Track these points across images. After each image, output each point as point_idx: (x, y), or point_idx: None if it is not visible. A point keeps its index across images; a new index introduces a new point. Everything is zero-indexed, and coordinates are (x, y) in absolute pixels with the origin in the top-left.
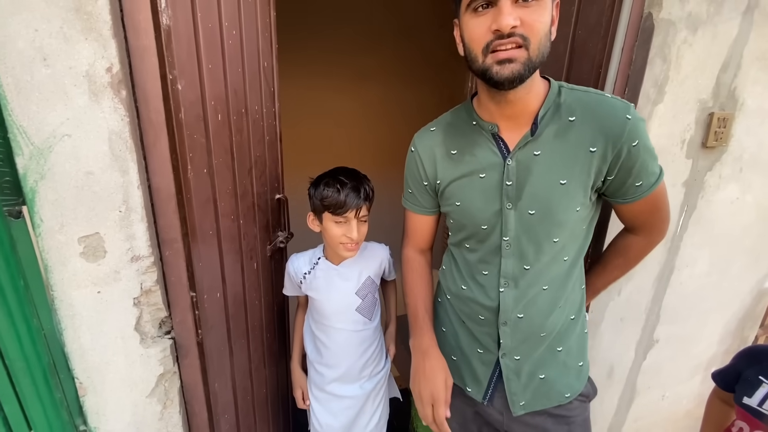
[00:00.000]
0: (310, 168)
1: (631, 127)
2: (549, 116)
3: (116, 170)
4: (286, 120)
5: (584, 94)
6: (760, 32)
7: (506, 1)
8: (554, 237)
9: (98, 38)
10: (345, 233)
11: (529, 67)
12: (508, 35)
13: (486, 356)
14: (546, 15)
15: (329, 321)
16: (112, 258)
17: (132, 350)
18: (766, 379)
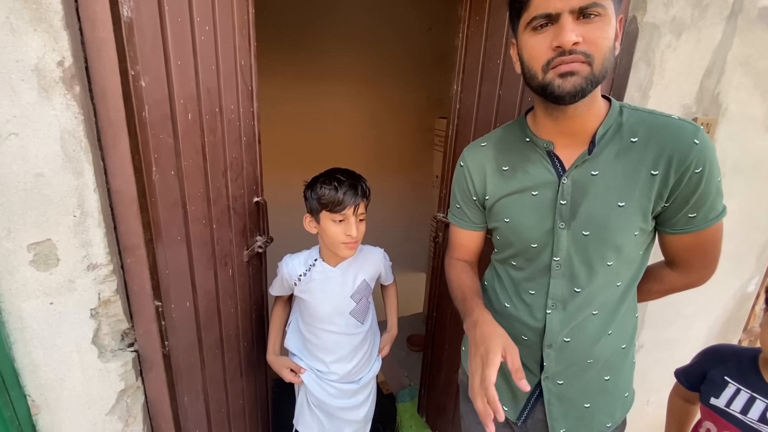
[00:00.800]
0: (295, 170)
1: (698, 152)
2: (609, 136)
3: (70, 172)
4: (268, 121)
5: (648, 115)
6: (744, 38)
7: (568, 17)
8: (608, 260)
9: (48, 29)
10: (345, 231)
11: (592, 81)
12: (570, 52)
13: (527, 377)
14: (609, 30)
15: (322, 324)
16: (65, 266)
17: (89, 365)
18: (731, 380)
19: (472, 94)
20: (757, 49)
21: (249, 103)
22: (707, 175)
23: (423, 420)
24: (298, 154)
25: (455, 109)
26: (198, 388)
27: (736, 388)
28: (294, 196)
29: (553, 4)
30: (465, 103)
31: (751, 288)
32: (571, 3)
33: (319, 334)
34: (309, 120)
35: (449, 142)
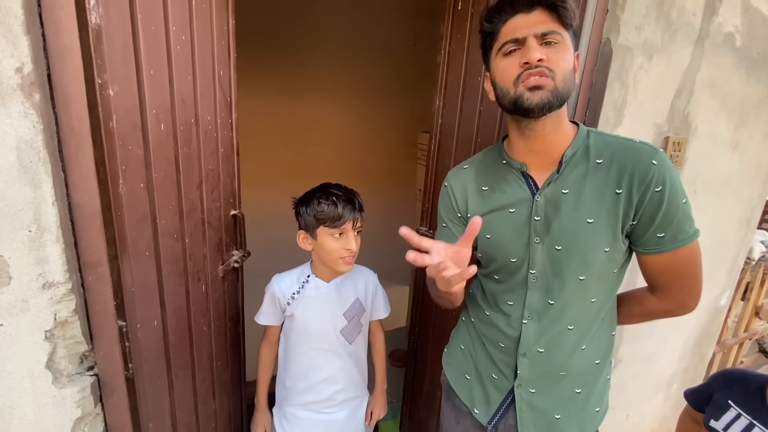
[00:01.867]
0: (277, 184)
1: (657, 171)
2: (578, 157)
3: (25, 184)
4: (249, 134)
5: (612, 138)
6: (711, 61)
7: (533, 39)
8: (580, 275)
9: (7, 34)
10: (344, 246)
11: (557, 95)
12: (536, 66)
13: (500, 382)
14: (568, 55)
15: (313, 342)
16: (18, 285)
17: (42, 391)
18: (734, 404)
19: (454, 110)
20: (723, 72)
21: (227, 114)
22: (668, 194)
23: None
24: (280, 167)
25: (437, 124)
26: (165, 413)
27: (737, 413)
28: (274, 209)
29: (520, 30)
30: (447, 119)
31: (723, 302)
32: (534, 29)
33: (309, 353)
34: (291, 133)
35: (432, 157)
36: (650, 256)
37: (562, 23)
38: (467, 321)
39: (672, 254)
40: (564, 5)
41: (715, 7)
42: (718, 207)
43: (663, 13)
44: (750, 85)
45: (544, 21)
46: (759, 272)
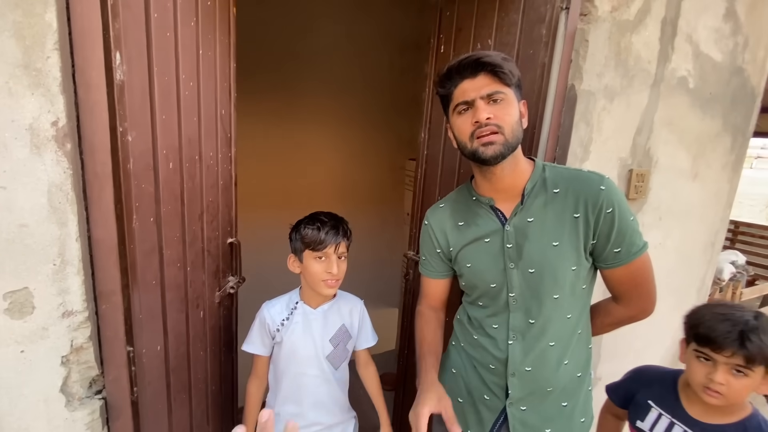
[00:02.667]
0: (269, 209)
1: (605, 195)
2: (537, 189)
3: (53, 222)
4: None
5: (564, 170)
6: (667, 102)
7: (480, 102)
8: (554, 294)
9: (46, 93)
10: (326, 269)
11: (507, 146)
12: (486, 125)
13: (493, 403)
14: (512, 109)
15: (300, 367)
16: (40, 314)
17: (56, 414)
18: (654, 404)
19: (438, 142)
20: (679, 111)
21: (227, 149)
22: (618, 214)
23: None
24: (271, 191)
25: (423, 155)
26: None
27: (658, 413)
28: (266, 233)
29: (468, 93)
30: (432, 150)
31: None
32: (480, 92)
33: (297, 378)
34: (283, 159)
35: (418, 184)
36: (611, 270)
37: (503, 83)
38: (457, 345)
39: (628, 266)
40: (503, 70)
41: (668, 54)
42: (683, 231)
43: (621, 62)
44: (705, 121)
45: (488, 83)
46: (728, 291)
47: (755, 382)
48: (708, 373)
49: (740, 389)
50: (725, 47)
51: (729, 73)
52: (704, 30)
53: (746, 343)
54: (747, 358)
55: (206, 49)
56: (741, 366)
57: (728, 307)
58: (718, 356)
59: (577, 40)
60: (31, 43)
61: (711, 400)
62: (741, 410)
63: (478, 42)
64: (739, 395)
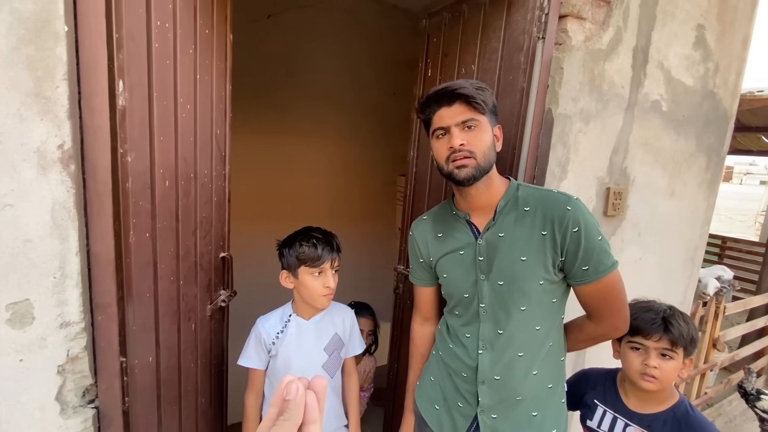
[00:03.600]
0: (262, 223)
1: (571, 216)
2: (509, 207)
3: (56, 238)
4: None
5: (536, 190)
6: (641, 124)
7: (455, 129)
8: (521, 305)
9: (54, 119)
10: (323, 284)
11: (479, 170)
12: (459, 150)
13: (466, 410)
14: (485, 135)
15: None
16: (39, 325)
17: (50, 422)
18: (599, 402)
19: (427, 161)
20: (653, 132)
21: (221, 167)
22: (584, 233)
23: None
24: (265, 206)
25: (412, 172)
26: None
27: (603, 410)
28: (259, 247)
29: (445, 120)
30: (420, 168)
31: None
32: (455, 119)
33: None
34: (276, 174)
35: (408, 200)
36: (580, 287)
37: (477, 111)
38: (436, 354)
39: (597, 284)
40: (476, 100)
41: (641, 80)
42: (662, 247)
43: (595, 87)
44: (679, 142)
45: (462, 112)
46: (711, 306)
47: (679, 364)
48: (643, 360)
49: (670, 371)
50: (696, 72)
51: (701, 96)
52: (675, 57)
53: (669, 327)
54: (671, 341)
55: (203, 74)
56: (667, 349)
57: (647, 301)
58: (648, 342)
59: (553, 68)
60: (43, 74)
61: (648, 386)
62: (670, 398)
63: (462, 67)
64: (669, 377)
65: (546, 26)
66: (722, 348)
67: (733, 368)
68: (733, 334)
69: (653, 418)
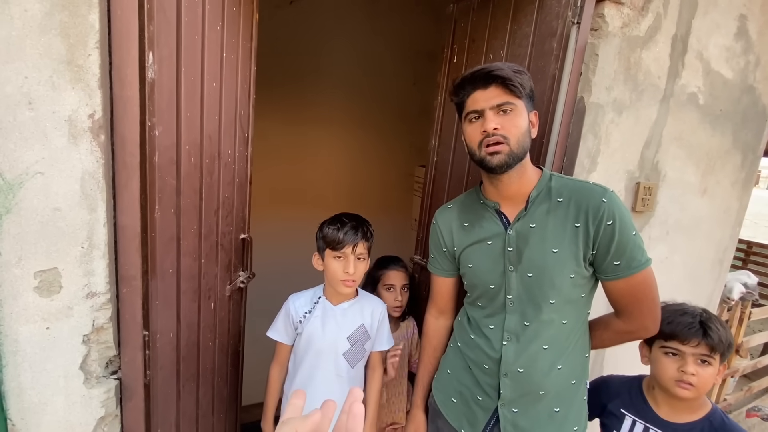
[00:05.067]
0: (283, 208)
1: (607, 208)
2: (542, 197)
3: (84, 208)
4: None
5: (570, 180)
6: (676, 117)
7: (489, 112)
8: (550, 299)
9: (85, 88)
10: (344, 268)
11: (512, 156)
12: (493, 134)
13: (485, 403)
14: (520, 120)
15: (315, 360)
16: (66, 293)
17: (74, 390)
18: (627, 412)
19: (448, 149)
20: (688, 126)
21: (244, 148)
22: (619, 227)
23: None
24: (284, 191)
25: (433, 162)
26: (172, 421)
27: (632, 420)
28: (278, 231)
29: (479, 104)
30: (441, 157)
31: None
32: (490, 102)
33: (311, 371)
34: (296, 160)
35: (427, 190)
36: (611, 282)
37: (514, 95)
38: (455, 347)
39: (628, 280)
40: (513, 83)
41: (678, 70)
42: (690, 247)
43: (630, 76)
44: (715, 137)
45: (498, 95)
46: (737, 311)
47: (716, 370)
48: (679, 366)
49: (707, 378)
50: (736, 65)
51: (740, 90)
52: (715, 48)
53: (708, 332)
54: (710, 346)
55: (230, 52)
56: (705, 355)
57: (678, 304)
58: (685, 347)
59: (587, 54)
60: (75, 41)
61: (684, 393)
62: (703, 407)
63: (490, 53)
64: (706, 385)
65: (582, 10)
66: (745, 354)
67: (754, 376)
68: (756, 340)
69: (689, 427)
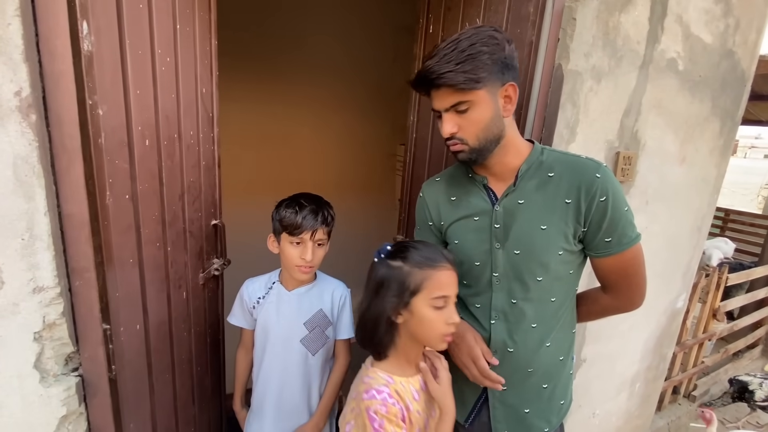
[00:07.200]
0: (260, 194)
1: (600, 183)
2: (532, 171)
3: (20, 196)
4: (231, 144)
5: (562, 154)
6: (655, 84)
7: (446, 115)
8: (537, 276)
9: (7, 62)
10: (300, 255)
11: (475, 152)
12: (450, 137)
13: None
14: (479, 115)
15: (273, 347)
16: (10, 289)
17: (30, 390)
18: None
19: (427, 125)
20: (667, 93)
21: (209, 128)
22: (612, 203)
23: None
24: (264, 178)
25: (412, 139)
26: (146, 415)
27: None
28: (256, 218)
29: (436, 104)
30: (420, 134)
31: (680, 304)
32: (443, 105)
33: (269, 358)
34: (275, 144)
35: (407, 168)
36: (601, 259)
37: (466, 90)
38: None
39: (618, 256)
40: (459, 84)
41: (657, 35)
42: (669, 216)
43: (609, 42)
44: (694, 105)
45: (449, 95)
46: (714, 276)
47: None
48: None
49: None
50: (716, 29)
51: (719, 55)
52: (695, 11)
53: None
54: None
55: (184, 24)
56: None
57: None
58: None
59: (564, 19)
60: None
61: None
62: None
63: (466, 21)
64: None
65: None
66: (722, 318)
67: (731, 338)
68: (733, 304)
69: None
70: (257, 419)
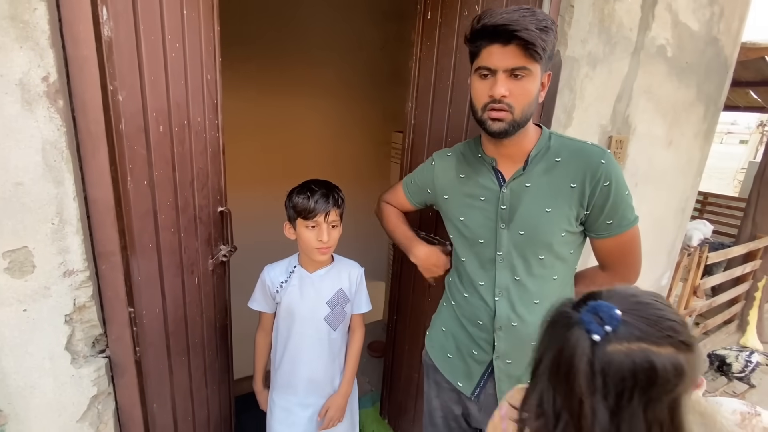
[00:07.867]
0: (257, 182)
1: (605, 169)
2: (540, 156)
3: (50, 181)
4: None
5: (569, 140)
6: (646, 70)
7: (502, 74)
8: (540, 255)
9: (35, 47)
10: (317, 237)
11: (514, 125)
12: (499, 101)
13: (480, 356)
14: (532, 87)
15: (297, 327)
16: (41, 273)
17: (62, 371)
18: None
19: (425, 111)
20: (657, 79)
21: (214, 115)
22: (615, 188)
23: (385, 421)
24: (258, 166)
25: (410, 125)
26: (166, 396)
27: None
28: (254, 206)
29: (494, 62)
30: (419, 120)
31: (664, 282)
32: (505, 64)
33: (294, 337)
34: (269, 133)
35: (405, 155)
36: (601, 240)
37: (533, 59)
38: (448, 305)
39: (618, 238)
40: (535, 48)
41: (648, 22)
42: (656, 197)
43: (604, 29)
44: (681, 90)
45: (516, 57)
46: (695, 255)
47: None
48: None
49: None
50: (702, 17)
51: (704, 42)
52: None
53: None
54: None
55: (190, 9)
56: None
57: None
58: None
59: (562, 6)
60: None
61: None
62: None
63: (465, 8)
64: None
65: None
66: (701, 295)
67: (709, 315)
68: (712, 282)
69: None
70: (283, 396)
